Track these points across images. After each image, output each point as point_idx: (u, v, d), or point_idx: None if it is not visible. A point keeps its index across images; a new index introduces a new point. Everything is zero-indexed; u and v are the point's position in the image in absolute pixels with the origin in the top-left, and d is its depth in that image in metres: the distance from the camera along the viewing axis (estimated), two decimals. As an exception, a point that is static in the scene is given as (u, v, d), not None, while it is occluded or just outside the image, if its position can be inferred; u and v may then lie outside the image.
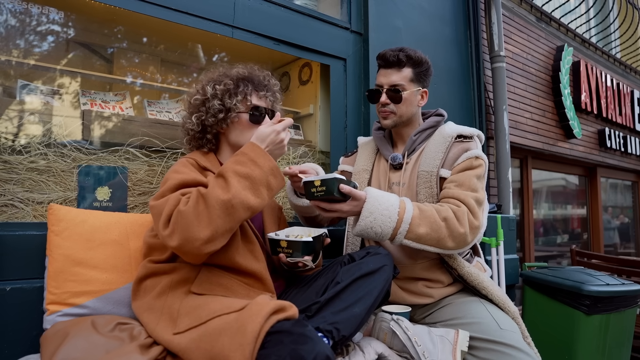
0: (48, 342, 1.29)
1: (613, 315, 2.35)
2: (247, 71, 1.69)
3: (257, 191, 1.37)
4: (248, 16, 2.32)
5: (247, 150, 1.42)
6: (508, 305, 1.74)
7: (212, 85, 1.62)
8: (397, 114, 1.85)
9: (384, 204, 1.58)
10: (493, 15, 3.55)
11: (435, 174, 1.75)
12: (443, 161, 1.76)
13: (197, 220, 1.28)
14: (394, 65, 1.84)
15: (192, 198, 1.32)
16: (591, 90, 5.14)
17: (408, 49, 1.85)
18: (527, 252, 4.55)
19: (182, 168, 1.50)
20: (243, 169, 1.36)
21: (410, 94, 1.84)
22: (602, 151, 5.42)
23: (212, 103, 1.59)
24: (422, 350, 1.47)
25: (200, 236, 1.28)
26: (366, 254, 1.55)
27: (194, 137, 1.65)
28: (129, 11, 1.98)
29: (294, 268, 1.64)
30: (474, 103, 3.41)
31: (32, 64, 2.09)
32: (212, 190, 1.31)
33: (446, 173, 1.74)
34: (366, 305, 1.40)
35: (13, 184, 1.77)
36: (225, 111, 1.60)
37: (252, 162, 1.39)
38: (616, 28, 6.10)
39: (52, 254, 1.51)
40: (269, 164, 1.40)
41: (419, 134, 1.89)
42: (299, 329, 1.16)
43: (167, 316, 1.32)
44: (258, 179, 1.37)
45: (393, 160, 1.88)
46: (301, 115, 2.90)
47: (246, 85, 1.64)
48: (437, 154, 1.78)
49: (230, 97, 1.60)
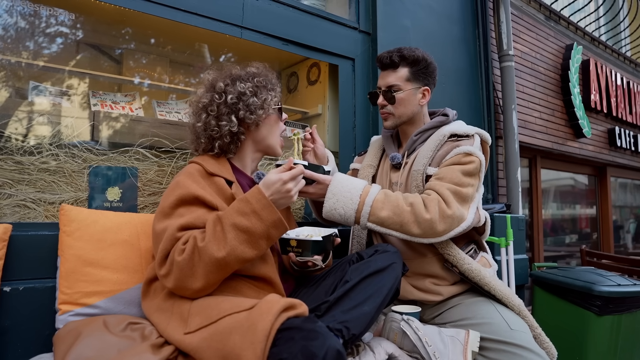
0: (61, 342, 1.30)
1: (625, 316, 2.33)
2: (260, 70, 1.68)
3: (256, 244, 1.34)
4: (257, 17, 2.33)
5: (252, 199, 1.34)
6: (512, 299, 1.72)
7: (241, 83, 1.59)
8: (396, 115, 1.86)
9: (347, 187, 1.63)
10: (502, 14, 3.53)
11: (421, 172, 1.75)
12: (431, 159, 1.77)
13: (190, 272, 1.30)
14: (389, 67, 1.86)
15: (188, 248, 1.30)
16: (601, 89, 5.10)
17: (404, 49, 1.85)
18: (536, 252, 4.52)
19: (184, 180, 1.46)
20: (243, 222, 1.32)
21: (407, 94, 1.84)
22: (612, 150, 5.38)
23: (252, 100, 1.57)
24: (432, 351, 1.47)
25: (193, 287, 1.31)
26: (374, 252, 1.55)
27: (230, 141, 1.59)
28: (138, 12, 1.99)
29: (303, 268, 1.64)
30: (483, 102, 3.40)
31: (42, 65, 2.11)
32: (208, 246, 1.29)
33: (433, 171, 1.74)
34: (376, 303, 1.39)
35: (25, 184, 1.78)
36: (262, 108, 1.59)
37: (255, 214, 1.33)
38: (626, 26, 6.05)
39: (64, 254, 1.52)
40: (272, 217, 1.33)
41: (420, 134, 1.88)
42: (309, 325, 1.16)
43: (178, 316, 1.32)
44: (258, 233, 1.33)
45: (392, 159, 1.89)
46: (310, 115, 2.90)
47: (269, 81, 1.65)
48: (427, 152, 1.78)
49: (263, 93, 1.60)
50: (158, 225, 1.40)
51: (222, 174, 1.55)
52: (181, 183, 1.45)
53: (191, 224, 1.38)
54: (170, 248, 1.34)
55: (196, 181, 1.47)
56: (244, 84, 1.59)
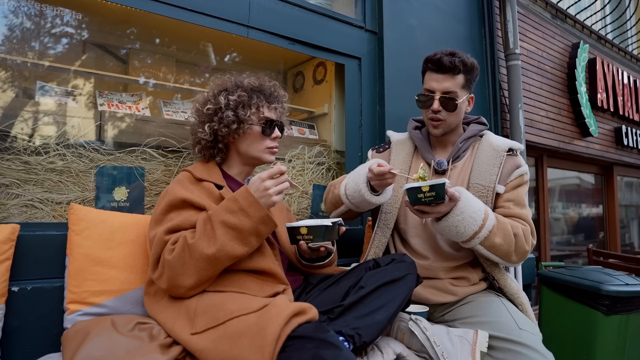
0: (69, 341, 1.31)
1: (633, 315, 2.32)
2: (258, 81, 1.70)
3: (245, 240, 1.37)
4: (263, 16, 2.33)
5: (240, 197, 1.38)
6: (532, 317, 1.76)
7: (225, 95, 1.63)
8: (448, 122, 1.81)
9: (474, 207, 1.60)
10: (508, 13, 3.52)
11: (492, 189, 1.76)
12: (499, 177, 1.77)
13: (182, 269, 1.33)
14: (448, 71, 1.76)
15: (178, 247, 1.35)
16: (607, 88, 5.07)
17: (460, 54, 1.77)
18: (543, 252, 4.50)
19: (173, 187, 1.52)
20: (232, 220, 1.35)
21: (462, 102, 1.80)
22: (618, 149, 5.35)
23: (226, 114, 1.60)
24: (440, 351, 1.46)
25: (185, 284, 1.34)
26: (391, 261, 1.56)
27: (206, 147, 1.66)
28: (144, 12, 1.99)
29: (311, 262, 1.66)
30: (489, 101, 3.39)
31: (48, 65, 2.11)
32: (198, 243, 1.33)
33: (501, 189, 1.76)
34: (389, 313, 1.40)
35: (32, 184, 1.78)
36: (238, 122, 1.61)
37: (242, 211, 1.36)
38: (633, 24, 6.00)
39: (73, 253, 1.53)
40: (259, 214, 1.37)
41: (465, 142, 1.87)
42: (321, 335, 1.16)
43: (184, 316, 1.33)
44: (247, 229, 1.36)
45: (439, 165, 1.85)
46: (316, 115, 2.89)
47: (258, 97, 1.65)
48: (492, 168, 1.78)
49: (244, 109, 1.61)
50: (151, 233, 1.45)
51: (212, 179, 1.59)
52: (170, 190, 1.51)
53: (178, 227, 1.42)
54: (161, 251, 1.38)
55: (185, 187, 1.52)
56: (225, 97, 1.62)
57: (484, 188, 1.76)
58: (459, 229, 1.59)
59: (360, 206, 1.79)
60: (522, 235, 1.67)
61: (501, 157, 1.79)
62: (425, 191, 1.51)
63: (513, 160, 1.81)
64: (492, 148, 1.82)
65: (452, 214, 1.58)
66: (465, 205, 1.58)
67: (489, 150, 1.82)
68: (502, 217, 1.68)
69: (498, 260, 1.70)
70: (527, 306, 1.77)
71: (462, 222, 1.58)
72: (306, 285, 1.67)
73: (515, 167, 1.79)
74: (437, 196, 1.51)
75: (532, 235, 1.73)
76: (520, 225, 1.70)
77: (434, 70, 1.78)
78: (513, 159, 1.81)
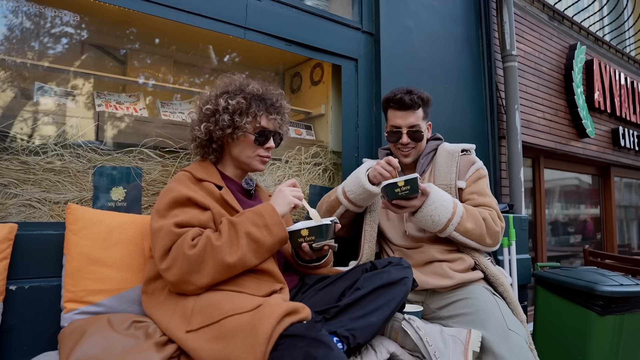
0: (66, 339, 1.32)
1: (627, 316, 2.33)
2: (262, 89, 1.69)
3: (261, 255, 1.43)
4: (260, 17, 2.34)
5: (265, 213, 1.46)
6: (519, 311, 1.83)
7: (226, 99, 1.64)
8: (417, 150, 2.08)
9: (444, 197, 1.82)
10: (505, 14, 3.53)
11: (454, 186, 1.99)
12: (457, 174, 2.00)
13: (198, 267, 1.35)
14: (410, 108, 1.99)
15: (200, 245, 1.36)
16: (604, 89, 5.08)
17: (416, 90, 2.00)
18: (539, 252, 4.52)
19: (175, 185, 1.53)
20: (257, 233, 1.42)
21: (425, 131, 2.06)
22: (615, 150, 5.36)
23: (222, 117, 1.61)
24: (433, 350, 1.48)
25: (197, 283, 1.36)
26: (388, 264, 1.57)
27: (201, 145, 1.68)
28: (142, 13, 2.00)
29: (311, 263, 1.68)
30: (486, 102, 3.40)
31: (47, 66, 2.12)
32: (223, 247, 1.37)
33: (462, 184, 2.00)
34: (384, 315, 1.42)
35: (30, 184, 1.80)
36: (233, 128, 1.62)
37: (267, 228, 1.44)
38: (630, 25, 6.01)
39: (70, 252, 1.54)
40: (281, 235, 1.46)
41: (425, 157, 2.11)
42: (312, 334, 1.17)
43: (180, 314, 1.34)
44: (266, 245, 1.43)
45: None
46: (313, 116, 2.91)
47: (258, 106, 1.65)
48: (450, 167, 2.02)
49: (241, 116, 1.62)
50: (155, 225, 1.45)
51: (211, 179, 1.61)
52: (173, 187, 1.51)
53: (187, 222, 1.43)
54: (171, 244, 1.38)
55: (187, 186, 1.53)
56: (225, 100, 1.63)
57: (447, 186, 1.98)
58: (434, 218, 1.79)
59: (358, 200, 1.96)
60: (490, 218, 1.88)
61: (456, 157, 2.04)
62: (401, 186, 1.73)
63: (467, 158, 2.06)
64: (447, 152, 2.07)
65: (425, 205, 1.79)
66: (436, 196, 1.80)
67: (445, 154, 2.07)
68: (469, 206, 1.90)
69: (475, 245, 1.88)
70: (507, 286, 1.89)
71: (436, 211, 1.78)
72: (302, 286, 1.68)
73: (470, 164, 2.04)
74: (411, 189, 1.73)
75: (500, 217, 1.94)
76: (487, 211, 1.91)
77: (397, 109, 2.01)
78: (467, 157, 2.06)
